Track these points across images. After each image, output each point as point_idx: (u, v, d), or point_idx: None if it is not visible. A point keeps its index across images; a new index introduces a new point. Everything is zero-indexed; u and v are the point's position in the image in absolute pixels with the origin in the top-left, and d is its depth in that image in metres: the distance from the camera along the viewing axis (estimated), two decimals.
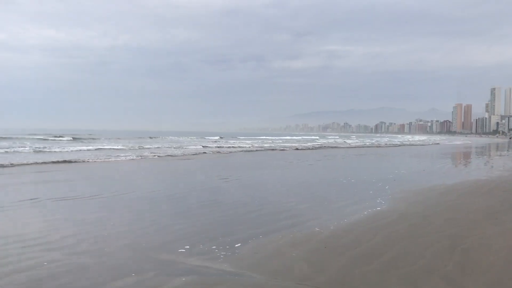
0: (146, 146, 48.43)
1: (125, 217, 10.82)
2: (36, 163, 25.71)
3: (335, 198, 13.82)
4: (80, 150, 40.04)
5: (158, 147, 47.52)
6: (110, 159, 30.11)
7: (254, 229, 9.45)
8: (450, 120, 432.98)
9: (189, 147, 50.28)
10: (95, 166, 26.14)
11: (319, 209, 11.91)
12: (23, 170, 22.12)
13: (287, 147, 55.22)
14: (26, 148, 39.48)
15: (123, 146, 47.91)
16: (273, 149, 50.67)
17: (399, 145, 74.52)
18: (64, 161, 27.23)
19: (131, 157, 32.41)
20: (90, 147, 44.47)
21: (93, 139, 69.80)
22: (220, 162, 31.12)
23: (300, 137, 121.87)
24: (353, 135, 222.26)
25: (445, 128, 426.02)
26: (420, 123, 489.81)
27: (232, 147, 53.37)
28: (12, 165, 24.08)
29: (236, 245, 8.19)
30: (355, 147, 65.30)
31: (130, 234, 9.09)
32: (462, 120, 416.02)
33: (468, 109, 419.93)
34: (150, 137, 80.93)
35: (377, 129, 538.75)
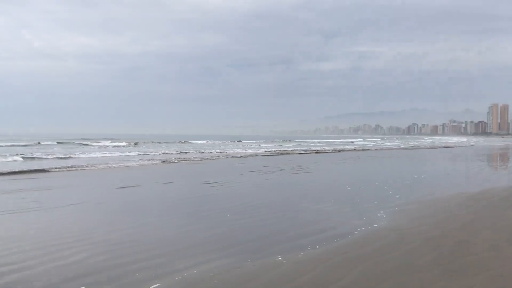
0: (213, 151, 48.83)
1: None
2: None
3: (324, 213, 11.35)
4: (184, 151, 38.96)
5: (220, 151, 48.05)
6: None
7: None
8: (486, 121, 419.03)
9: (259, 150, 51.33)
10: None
11: (293, 230, 9.44)
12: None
13: (326, 150, 52.90)
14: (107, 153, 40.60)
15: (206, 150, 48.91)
16: (316, 152, 48.35)
17: (439, 147, 70.44)
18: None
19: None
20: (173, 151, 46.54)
21: (152, 142, 73.13)
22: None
23: (339, 140, 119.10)
24: (394, 137, 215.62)
25: (480, 129, 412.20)
26: (453, 124, 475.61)
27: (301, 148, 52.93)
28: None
29: None
30: (396, 148, 62.14)
31: None
32: (498, 121, 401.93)
33: (504, 109, 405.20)
34: (186, 141, 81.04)
35: (409, 130, 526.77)
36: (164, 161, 31.63)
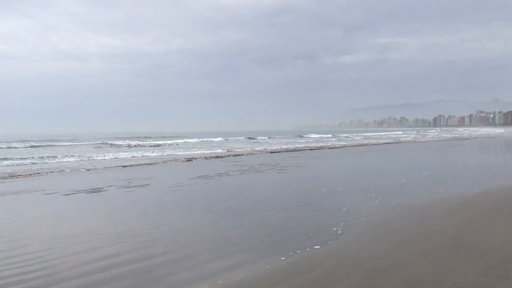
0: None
1: None
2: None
3: (269, 226, 9.30)
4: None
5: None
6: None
7: None
8: None
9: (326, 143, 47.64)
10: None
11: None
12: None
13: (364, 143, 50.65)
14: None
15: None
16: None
17: (471, 138, 67.16)
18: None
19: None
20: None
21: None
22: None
23: (376, 133, 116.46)
24: (431, 130, 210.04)
25: (510, 119, 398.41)
26: (481, 115, 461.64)
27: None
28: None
29: None
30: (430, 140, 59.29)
31: None
32: None
33: None
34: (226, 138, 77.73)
35: (435, 122, 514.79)
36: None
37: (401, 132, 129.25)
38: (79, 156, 33.26)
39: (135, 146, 51.99)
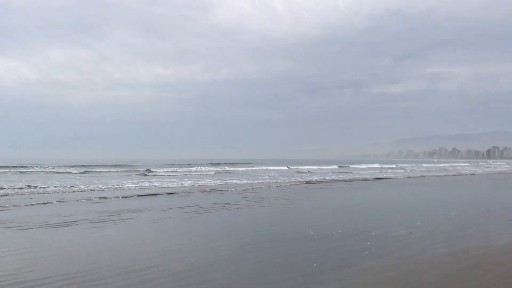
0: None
1: None
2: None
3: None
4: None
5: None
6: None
7: None
8: None
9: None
10: None
11: None
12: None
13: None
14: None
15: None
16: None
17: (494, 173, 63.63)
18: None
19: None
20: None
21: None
22: None
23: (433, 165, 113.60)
24: (497, 161, 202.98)
25: None
26: None
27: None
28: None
29: None
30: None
31: None
32: None
33: None
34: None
35: (489, 154, 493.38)
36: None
37: (467, 164, 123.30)
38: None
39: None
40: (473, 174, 63.31)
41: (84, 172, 60.17)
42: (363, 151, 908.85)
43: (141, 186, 35.40)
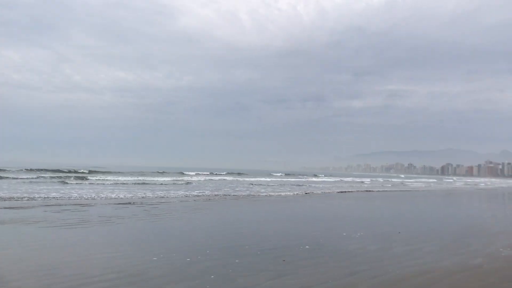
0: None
1: None
2: None
3: None
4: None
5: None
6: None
7: None
8: None
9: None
10: None
11: None
12: None
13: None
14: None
15: None
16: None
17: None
18: None
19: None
20: None
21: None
22: None
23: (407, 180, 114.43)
24: (448, 178, 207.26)
25: None
26: (490, 165, 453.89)
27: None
28: None
29: None
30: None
31: None
32: None
33: None
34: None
35: (443, 171, 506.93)
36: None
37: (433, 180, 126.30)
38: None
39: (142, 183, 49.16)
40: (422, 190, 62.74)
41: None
42: (322, 163, 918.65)
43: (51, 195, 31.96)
